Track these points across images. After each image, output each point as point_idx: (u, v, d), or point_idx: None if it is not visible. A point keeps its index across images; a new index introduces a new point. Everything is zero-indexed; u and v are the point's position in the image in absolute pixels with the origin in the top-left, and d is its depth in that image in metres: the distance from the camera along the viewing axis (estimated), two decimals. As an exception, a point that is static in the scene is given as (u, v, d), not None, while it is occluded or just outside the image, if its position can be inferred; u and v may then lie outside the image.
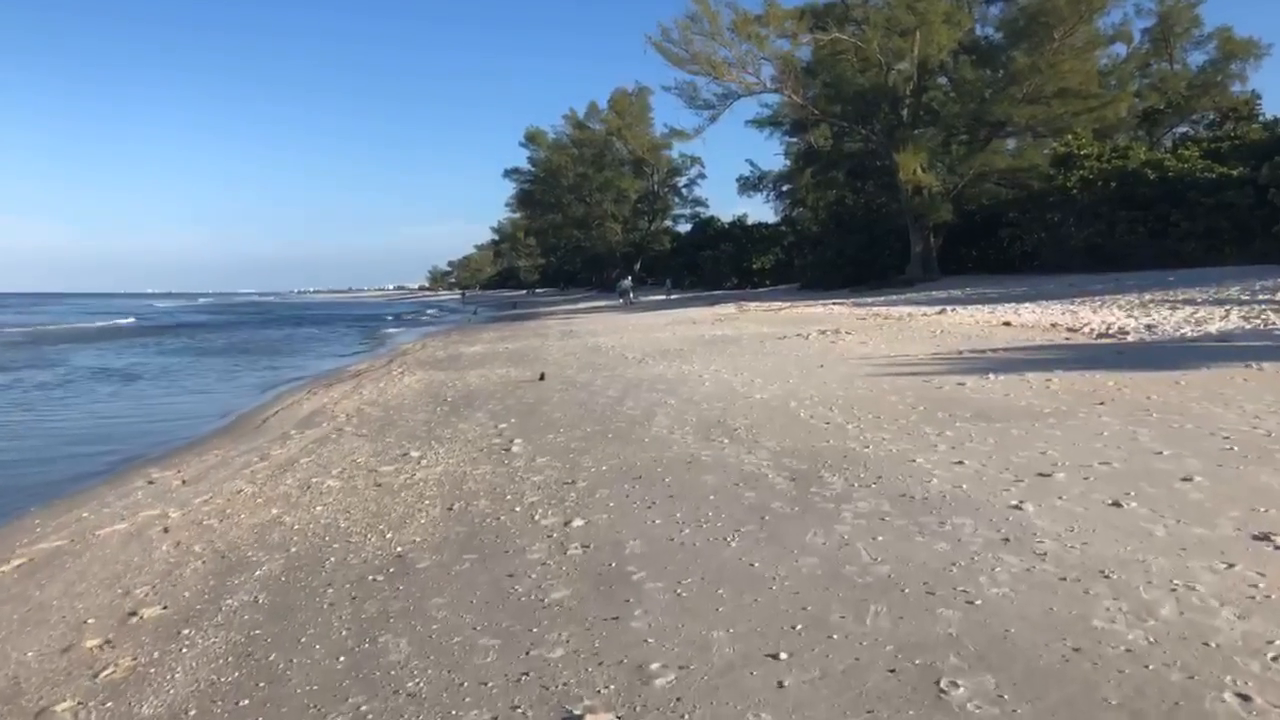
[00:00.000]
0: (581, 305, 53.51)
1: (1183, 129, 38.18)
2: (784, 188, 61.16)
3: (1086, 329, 14.18)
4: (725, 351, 15.26)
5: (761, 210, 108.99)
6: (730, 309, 32.16)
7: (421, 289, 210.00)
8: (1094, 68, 31.84)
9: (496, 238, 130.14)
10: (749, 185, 63.11)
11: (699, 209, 75.42)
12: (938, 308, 22.35)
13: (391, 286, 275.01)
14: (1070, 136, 30.78)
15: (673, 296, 50.46)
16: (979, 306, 21.75)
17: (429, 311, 70.45)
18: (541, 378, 13.32)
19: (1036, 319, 16.74)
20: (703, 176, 75.36)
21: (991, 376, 9.59)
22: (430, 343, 27.15)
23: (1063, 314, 17.25)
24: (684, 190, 76.51)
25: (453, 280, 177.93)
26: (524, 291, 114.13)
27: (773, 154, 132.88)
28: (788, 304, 32.59)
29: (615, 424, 8.72)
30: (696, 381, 11.31)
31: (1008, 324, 16.21)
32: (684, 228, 76.41)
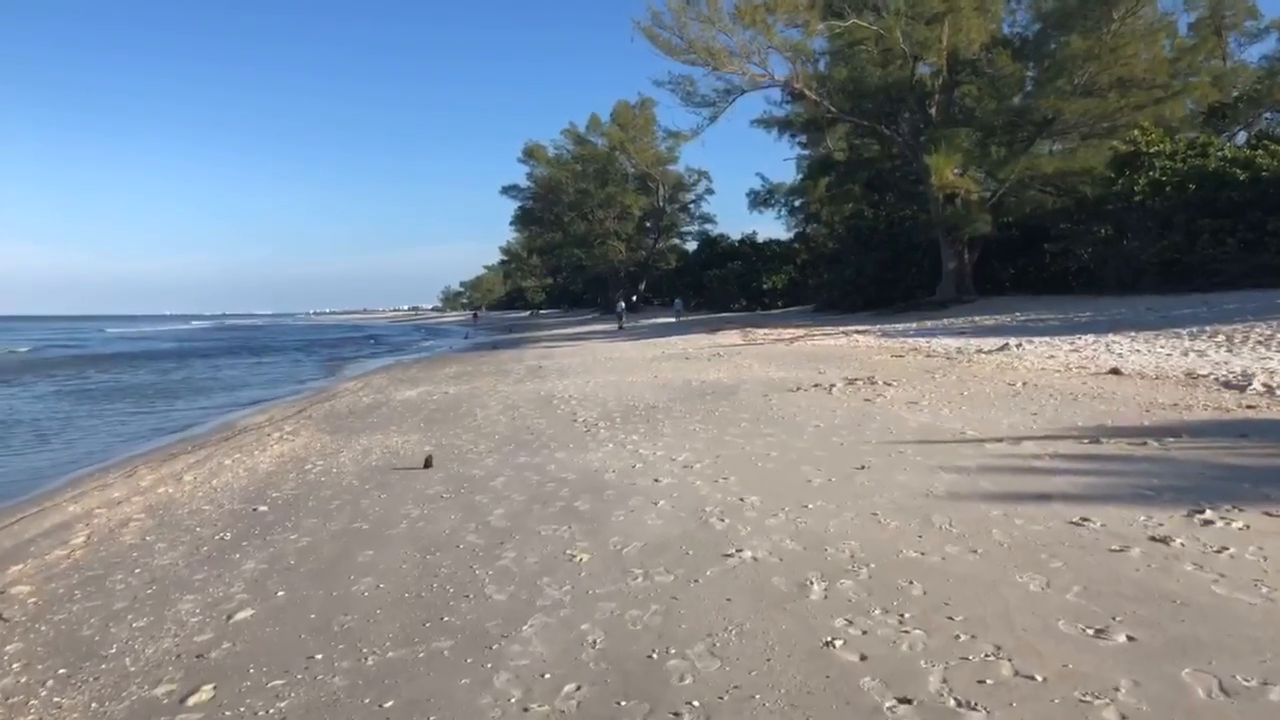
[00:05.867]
0: (576, 329, 48.99)
1: (1251, 127, 33.24)
2: (796, 202, 56.73)
3: (1259, 388, 9.39)
4: (713, 415, 10.59)
5: (773, 227, 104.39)
6: (734, 337, 27.49)
7: (435, 309, 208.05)
8: (1160, 53, 27.13)
9: (505, 257, 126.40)
10: (760, 200, 58.79)
11: (707, 226, 70.99)
12: (993, 341, 17.61)
13: (406, 307, 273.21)
14: (1137, 132, 25.96)
15: (684, 319, 45.33)
16: (1046, 339, 17.01)
17: (420, 335, 66.42)
18: (427, 464, 8.86)
19: (1152, 363, 11.99)
20: (710, 192, 71.05)
21: (1217, 520, 4.84)
22: (374, 380, 22.71)
23: (1184, 355, 12.47)
24: (691, 206, 72.16)
25: (464, 301, 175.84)
26: (528, 313, 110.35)
27: (782, 159, 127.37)
28: (801, 331, 27.90)
29: (438, 640, 4.09)
30: (648, 492, 6.66)
31: (1116, 372, 11.45)
32: (692, 246, 71.90)
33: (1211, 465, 6.07)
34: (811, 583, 4.38)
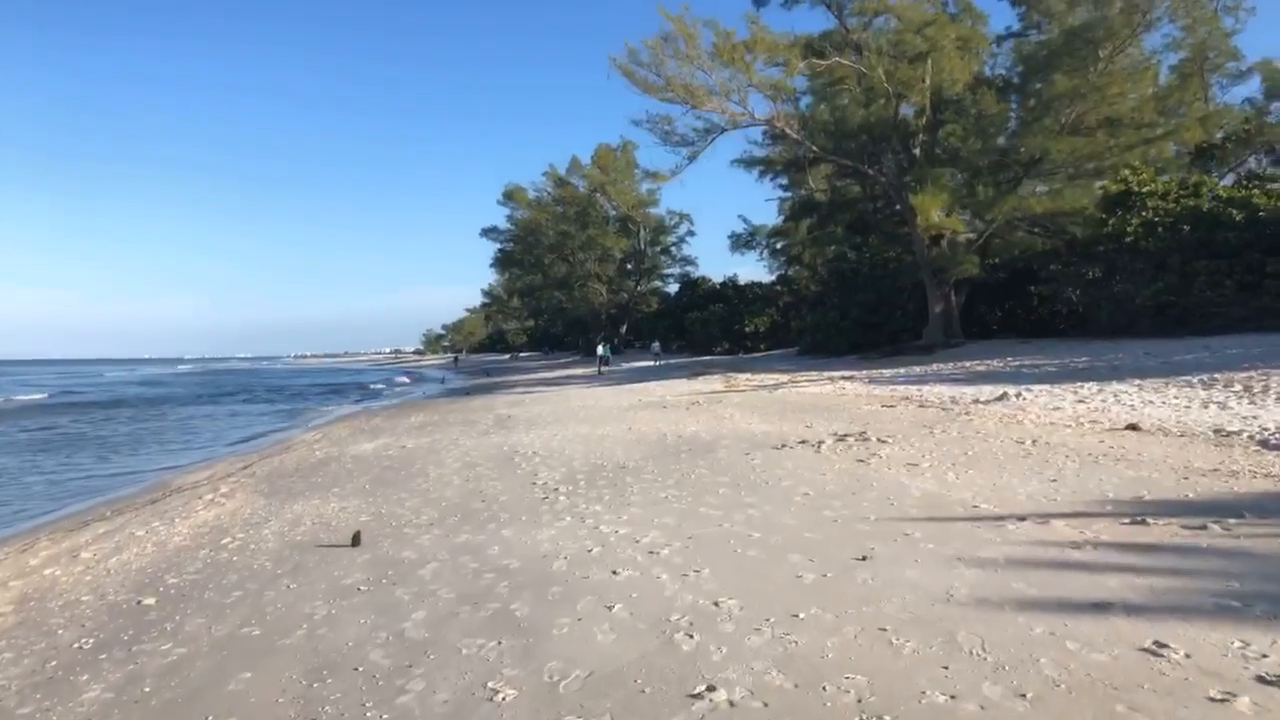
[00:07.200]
0: (554, 374, 47.78)
1: (1239, 169, 32.81)
2: (778, 244, 56.23)
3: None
4: (688, 479, 9.41)
5: (755, 269, 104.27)
6: (715, 383, 26.39)
7: (416, 352, 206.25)
8: (1146, 93, 26.66)
9: (487, 299, 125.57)
10: (741, 242, 58.28)
11: (688, 268, 70.37)
12: (989, 389, 16.57)
13: (388, 350, 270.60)
14: (1127, 172, 25.32)
15: (664, 363, 44.09)
16: (1046, 387, 16.00)
17: (396, 379, 64.91)
18: (355, 541, 7.67)
19: (1170, 416, 10.94)
20: (691, 234, 70.46)
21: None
22: (335, 430, 21.43)
23: (1204, 407, 11.44)
24: (672, 249, 71.53)
25: (446, 344, 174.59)
26: (508, 355, 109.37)
27: (764, 200, 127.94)
28: (785, 376, 26.86)
29: None
30: (602, 590, 5.45)
31: (1135, 428, 10.39)
32: (674, 288, 71.22)
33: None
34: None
